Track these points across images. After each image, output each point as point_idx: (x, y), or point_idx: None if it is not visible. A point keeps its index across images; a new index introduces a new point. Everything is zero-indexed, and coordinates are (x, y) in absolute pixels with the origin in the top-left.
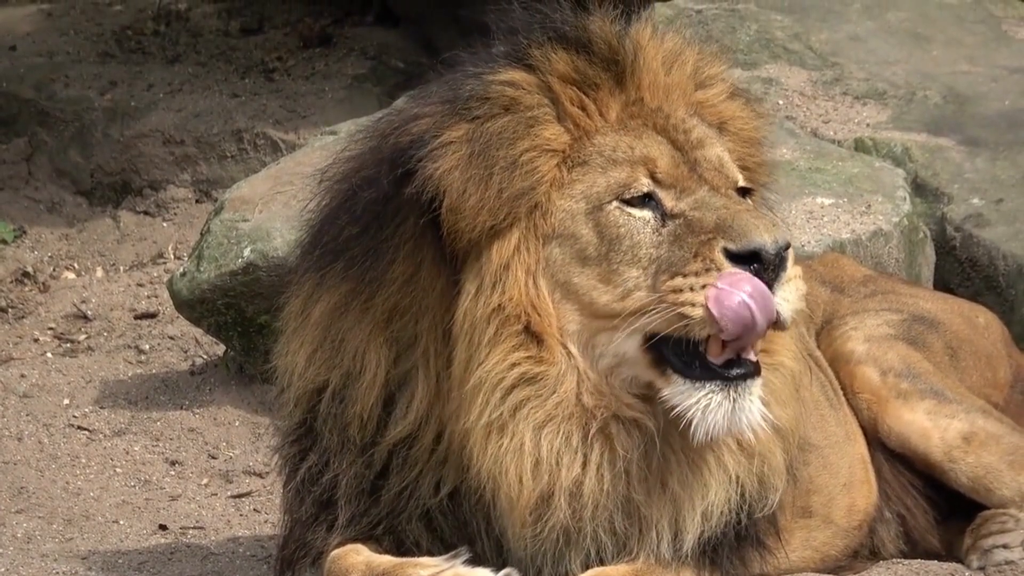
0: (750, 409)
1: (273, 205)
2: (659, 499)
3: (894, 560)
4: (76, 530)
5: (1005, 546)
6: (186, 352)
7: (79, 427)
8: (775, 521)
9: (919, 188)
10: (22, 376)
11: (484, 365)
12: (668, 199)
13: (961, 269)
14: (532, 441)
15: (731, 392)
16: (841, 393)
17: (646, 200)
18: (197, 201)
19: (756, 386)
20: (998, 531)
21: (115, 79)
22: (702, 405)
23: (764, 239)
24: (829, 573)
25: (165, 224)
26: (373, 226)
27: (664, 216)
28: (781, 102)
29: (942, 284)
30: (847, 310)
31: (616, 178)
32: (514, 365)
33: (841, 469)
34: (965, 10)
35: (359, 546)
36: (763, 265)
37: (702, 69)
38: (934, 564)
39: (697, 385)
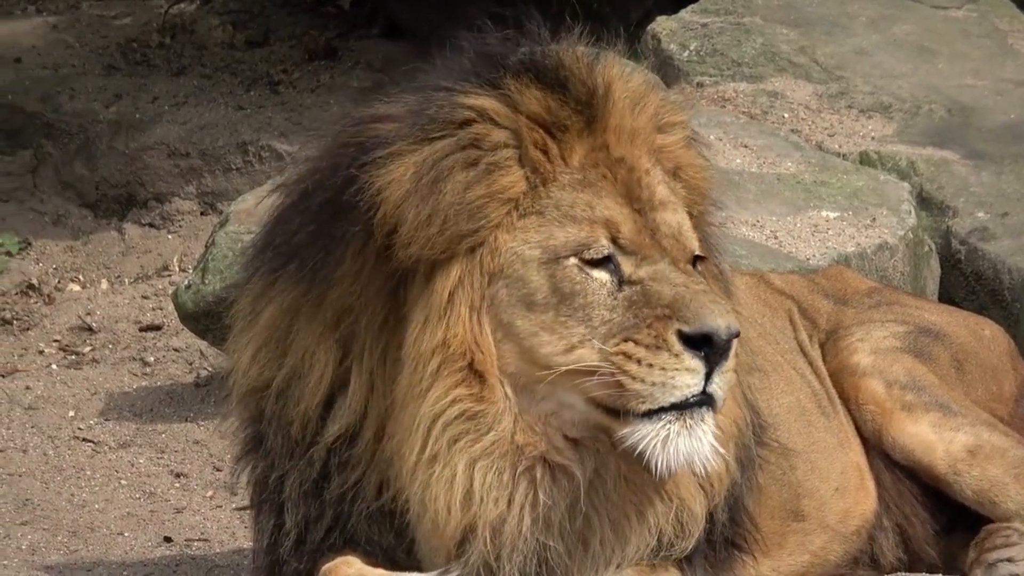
0: (703, 439)
1: None
2: (580, 557)
3: (896, 574)
4: (81, 542)
5: (1010, 560)
6: (191, 364)
7: (84, 439)
8: (745, 523)
9: (924, 202)
10: (27, 388)
11: (427, 399)
12: (627, 264)
13: (966, 283)
14: (465, 474)
15: (687, 420)
16: (838, 403)
17: (605, 262)
18: (202, 213)
19: (710, 416)
20: (1003, 545)
21: (120, 91)
22: (661, 436)
23: (718, 323)
24: None
25: (170, 236)
26: (327, 225)
27: (621, 281)
28: (786, 115)
29: (947, 298)
30: (852, 320)
31: (575, 236)
32: (455, 401)
33: (831, 474)
34: (970, 24)
35: (350, 558)
36: (712, 348)
37: (662, 115)
38: None
39: (654, 418)
